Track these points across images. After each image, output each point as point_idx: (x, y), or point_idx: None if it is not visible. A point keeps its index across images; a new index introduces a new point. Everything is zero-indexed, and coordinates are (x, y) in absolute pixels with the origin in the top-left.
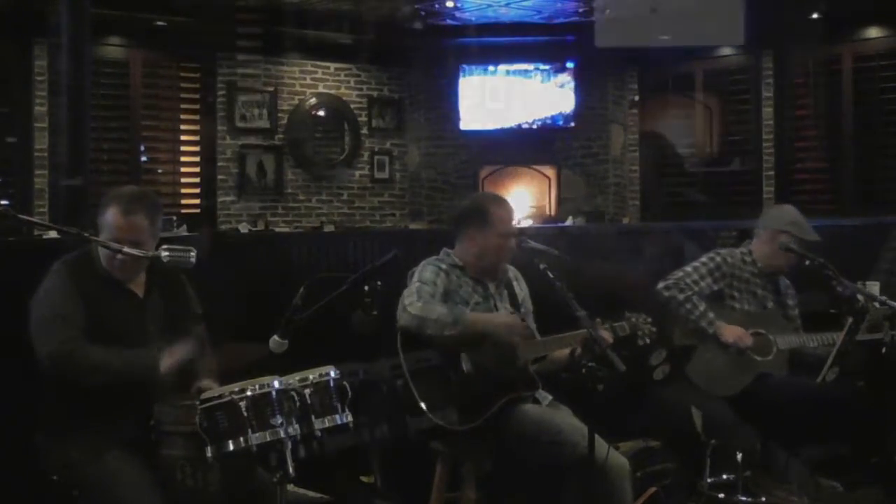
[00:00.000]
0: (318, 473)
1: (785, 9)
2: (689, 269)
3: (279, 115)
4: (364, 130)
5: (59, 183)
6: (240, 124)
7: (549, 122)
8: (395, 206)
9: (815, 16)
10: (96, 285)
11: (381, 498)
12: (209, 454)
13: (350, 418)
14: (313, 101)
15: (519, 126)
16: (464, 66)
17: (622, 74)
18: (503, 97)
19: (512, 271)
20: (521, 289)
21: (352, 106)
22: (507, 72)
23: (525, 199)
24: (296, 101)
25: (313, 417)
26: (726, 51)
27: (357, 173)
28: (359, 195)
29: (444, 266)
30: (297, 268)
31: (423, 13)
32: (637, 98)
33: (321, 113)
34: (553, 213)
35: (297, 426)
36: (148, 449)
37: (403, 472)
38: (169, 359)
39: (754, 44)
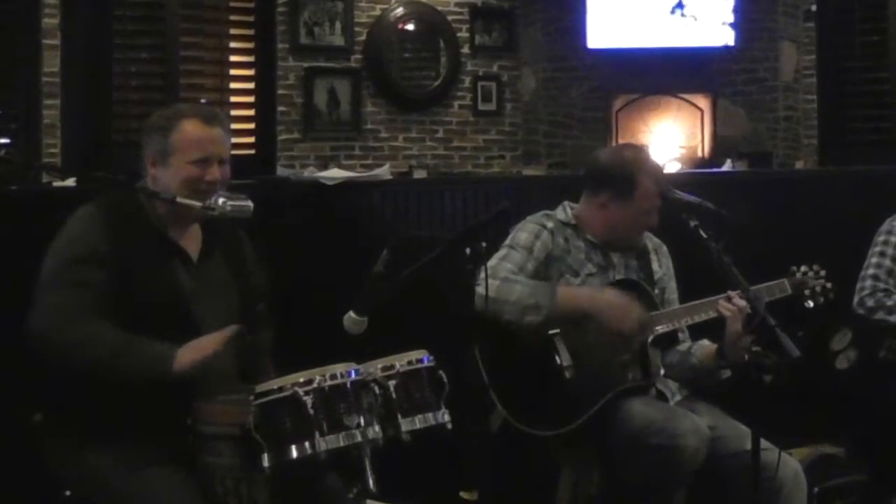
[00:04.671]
0: (407, 486)
1: None
2: (870, 269)
3: (356, 29)
4: (465, 49)
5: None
6: (305, 41)
7: (702, 39)
8: (505, 146)
9: None
10: (140, 239)
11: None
12: (266, 463)
13: (448, 417)
14: (400, 10)
15: (663, 45)
16: None
17: None
18: (644, 7)
19: (652, 242)
20: (661, 265)
21: (449, 17)
22: None
23: (671, 137)
24: (378, 12)
25: (400, 416)
26: None
27: (456, 104)
28: (458, 132)
29: (549, 224)
30: (378, 225)
31: None
32: (815, 8)
33: (410, 27)
34: (707, 154)
35: (378, 427)
36: (186, 457)
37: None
38: (189, 354)
39: None
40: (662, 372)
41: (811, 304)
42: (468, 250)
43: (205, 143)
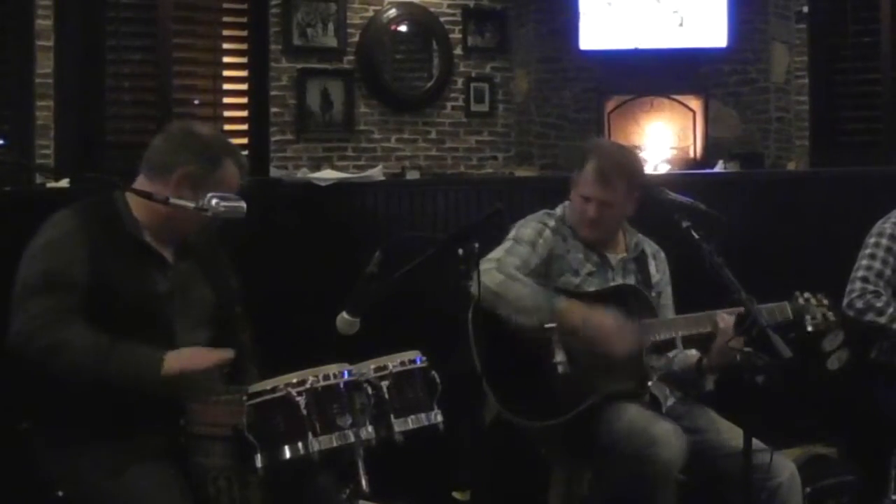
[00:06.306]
0: (400, 486)
1: None
2: (860, 272)
3: (349, 30)
4: (458, 50)
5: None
6: (298, 42)
7: (694, 40)
8: (498, 147)
9: None
10: (117, 244)
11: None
12: (259, 463)
13: (440, 418)
14: (393, 12)
15: (655, 46)
16: None
17: None
18: (636, 8)
19: (650, 246)
20: (659, 269)
21: (442, 19)
22: None
23: (663, 138)
24: (370, 13)
25: (393, 417)
26: None
27: (449, 105)
28: (451, 133)
29: (551, 223)
30: (371, 226)
31: None
32: (806, 9)
33: (403, 28)
34: (698, 155)
35: (371, 428)
36: (179, 458)
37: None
38: (178, 362)
39: None
40: (656, 376)
41: (811, 328)
42: (461, 251)
43: (235, 186)
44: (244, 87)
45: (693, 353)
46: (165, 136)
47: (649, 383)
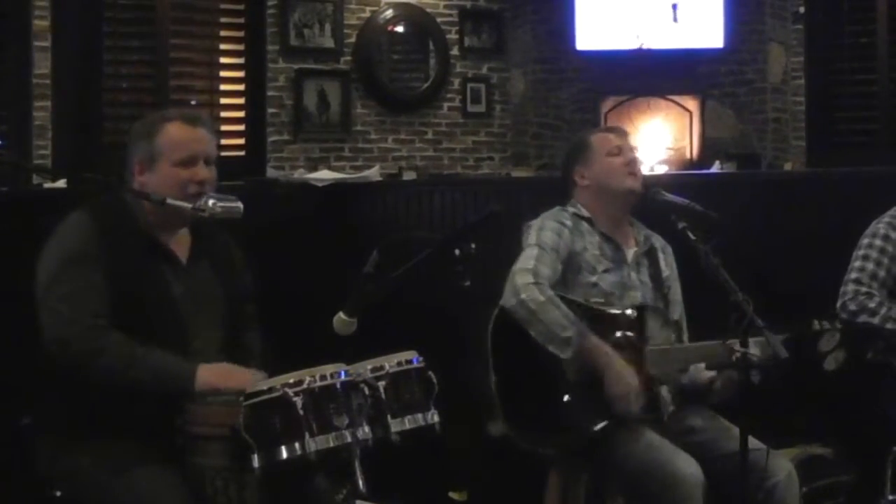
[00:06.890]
0: (397, 486)
1: None
2: (853, 273)
3: (346, 31)
4: (454, 51)
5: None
6: (295, 43)
7: (690, 40)
8: (494, 147)
9: None
10: (130, 244)
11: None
12: (256, 463)
13: (437, 418)
14: (390, 12)
15: (652, 46)
16: None
17: None
18: (632, 9)
19: (659, 241)
20: (668, 264)
21: (438, 20)
22: None
23: (660, 138)
24: (367, 14)
25: (389, 417)
26: None
27: (445, 106)
28: (447, 134)
29: (567, 221)
30: (368, 226)
31: None
32: (803, 10)
33: (400, 28)
34: (695, 156)
35: (368, 428)
36: (176, 458)
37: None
38: (211, 378)
39: None
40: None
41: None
42: (457, 252)
43: (190, 142)
44: (241, 87)
45: (702, 370)
46: None
47: (664, 412)
